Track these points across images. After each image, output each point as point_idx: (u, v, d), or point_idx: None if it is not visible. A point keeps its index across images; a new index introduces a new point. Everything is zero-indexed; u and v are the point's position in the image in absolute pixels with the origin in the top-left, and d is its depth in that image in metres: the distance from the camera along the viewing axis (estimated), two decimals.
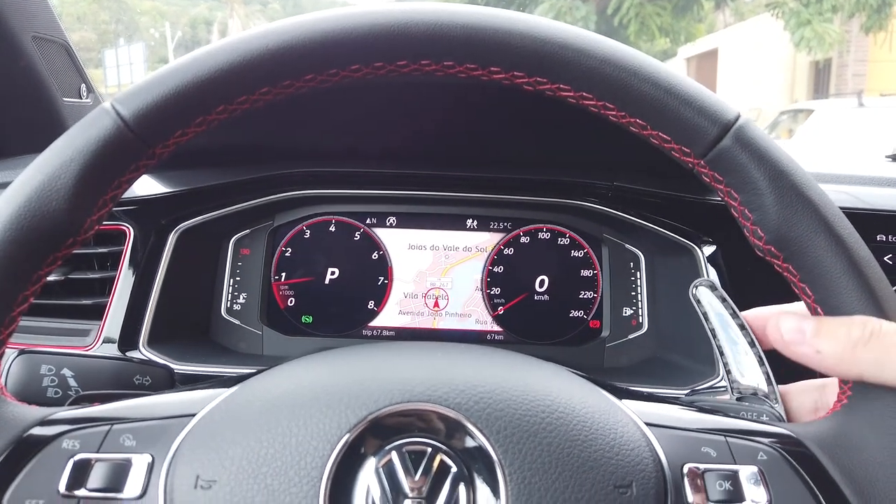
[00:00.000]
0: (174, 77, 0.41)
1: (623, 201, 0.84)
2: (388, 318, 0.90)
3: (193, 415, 0.43)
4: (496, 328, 0.90)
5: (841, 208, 0.43)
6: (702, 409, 0.48)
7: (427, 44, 0.43)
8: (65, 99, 0.97)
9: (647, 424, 0.44)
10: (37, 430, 0.41)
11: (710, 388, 0.73)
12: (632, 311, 0.88)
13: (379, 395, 0.41)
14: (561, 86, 0.44)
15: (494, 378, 0.43)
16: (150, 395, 0.48)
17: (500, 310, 0.90)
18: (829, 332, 0.42)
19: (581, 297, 0.89)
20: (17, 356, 0.58)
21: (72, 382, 0.58)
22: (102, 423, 0.43)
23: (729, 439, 0.43)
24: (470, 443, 0.39)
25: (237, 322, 0.88)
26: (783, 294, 0.64)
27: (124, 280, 0.78)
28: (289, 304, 0.89)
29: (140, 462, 0.40)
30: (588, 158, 0.85)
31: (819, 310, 0.43)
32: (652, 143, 0.45)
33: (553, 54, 0.42)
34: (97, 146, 0.41)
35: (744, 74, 16.56)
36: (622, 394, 0.47)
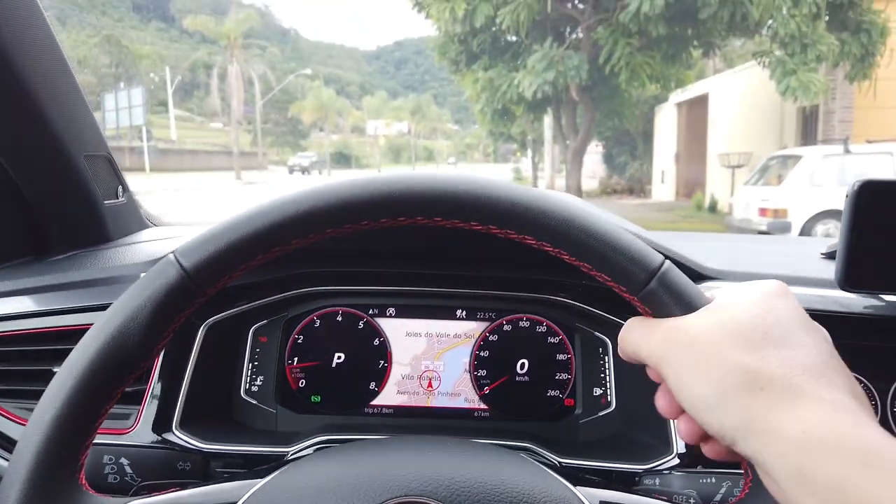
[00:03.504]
0: (225, 235, 0.53)
1: (591, 297, 0.97)
2: (387, 397, 1.01)
3: (235, 503, 0.56)
4: (483, 406, 1.01)
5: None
6: (645, 493, 0.61)
7: (420, 205, 0.55)
8: (105, 202, 1.11)
9: None
10: None
11: (662, 465, 0.84)
12: (601, 391, 1.00)
13: (382, 489, 0.53)
14: (525, 237, 0.56)
15: (474, 473, 0.56)
16: (198, 484, 0.60)
17: (486, 389, 1.01)
18: None
19: (557, 378, 1.01)
20: None
21: (127, 469, 0.70)
22: None
23: None
24: None
25: (255, 402, 1.00)
26: None
27: (160, 370, 0.90)
28: (300, 385, 1.01)
29: None
30: (557, 262, 0.98)
31: None
32: (598, 280, 0.57)
33: (519, 214, 0.55)
34: (165, 293, 0.52)
35: (734, 119, 16.89)
36: (578, 481, 0.59)
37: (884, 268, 0.82)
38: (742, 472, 0.54)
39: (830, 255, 1.06)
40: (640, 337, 0.53)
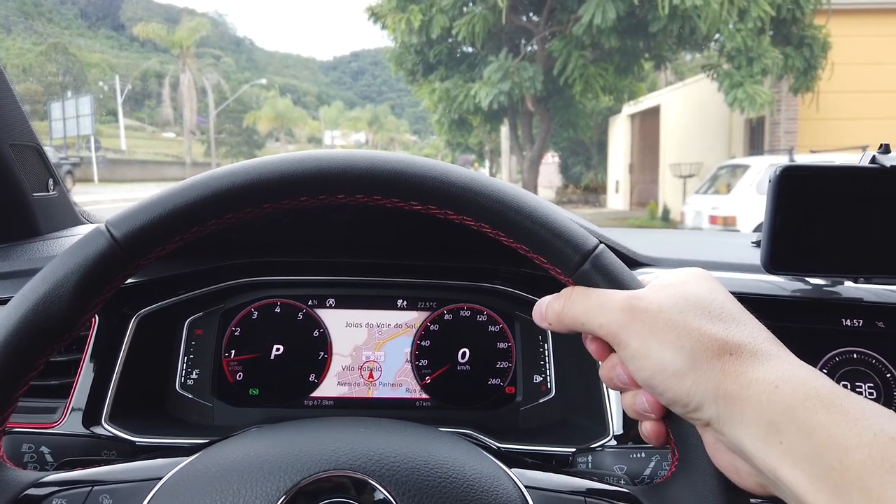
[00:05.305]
0: (158, 206, 0.51)
1: (529, 284, 0.98)
2: (327, 389, 1.00)
3: (160, 478, 0.54)
4: (424, 396, 1.01)
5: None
6: (573, 474, 0.61)
7: (361, 183, 0.54)
8: (34, 194, 1.07)
9: (527, 487, 0.56)
10: (32, 491, 0.52)
11: (601, 445, 0.85)
12: (541, 378, 1.01)
13: (311, 464, 0.52)
14: (465, 218, 0.56)
15: (405, 449, 0.55)
16: (123, 461, 0.58)
17: (428, 379, 1.01)
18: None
19: (498, 366, 1.02)
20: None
21: (48, 458, 0.67)
22: (85, 485, 0.53)
23: (587, 499, 0.56)
24: (381, 500, 0.51)
25: (190, 396, 0.97)
26: None
27: (89, 362, 0.87)
28: (237, 378, 1.00)
29: None
30: (498, 249, 0.99)
31: None
32: (534, 262, 0.58)
33: (457, 195, 0.54)
34: (94, 261, 0.50)
35: (685, 130, 17.29)
36: (512, 463, 0.60)
37: (806, 250, 0.84)
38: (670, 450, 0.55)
39: (759, 244, 1.09)
40: (589, 307, 0.52)
